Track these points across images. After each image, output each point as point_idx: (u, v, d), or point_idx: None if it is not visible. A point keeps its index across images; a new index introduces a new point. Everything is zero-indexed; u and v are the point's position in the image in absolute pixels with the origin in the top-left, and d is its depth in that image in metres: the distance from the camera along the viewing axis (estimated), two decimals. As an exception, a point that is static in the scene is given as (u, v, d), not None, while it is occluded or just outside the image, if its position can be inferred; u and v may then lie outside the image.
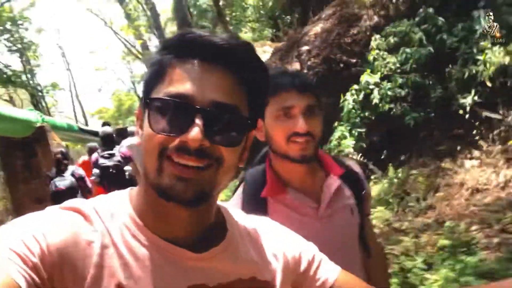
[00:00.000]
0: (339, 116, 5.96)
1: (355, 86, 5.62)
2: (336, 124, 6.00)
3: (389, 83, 5.06)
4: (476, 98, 4.22)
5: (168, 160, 0.63)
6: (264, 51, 10.93)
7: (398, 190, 4.51)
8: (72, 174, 5.10)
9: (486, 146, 4.09)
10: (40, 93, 22.61)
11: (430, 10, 4.94)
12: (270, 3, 12.66)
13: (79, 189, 5.03)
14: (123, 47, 27.30)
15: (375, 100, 5.21)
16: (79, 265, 0.59)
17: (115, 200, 0.72)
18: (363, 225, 1.35)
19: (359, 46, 6.77)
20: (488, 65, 4.00)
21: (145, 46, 24.12)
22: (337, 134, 5.71)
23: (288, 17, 12.30)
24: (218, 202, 0.81)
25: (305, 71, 7.45)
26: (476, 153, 4.14)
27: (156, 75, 0.67)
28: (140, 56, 24.77)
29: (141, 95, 0.72)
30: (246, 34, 14.24)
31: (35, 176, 5.93)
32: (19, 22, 19.05)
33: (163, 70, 0.66)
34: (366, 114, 5.52)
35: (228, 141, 0.65)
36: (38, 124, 6.08)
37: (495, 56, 3.97)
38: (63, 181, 4.45)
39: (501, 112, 4.04)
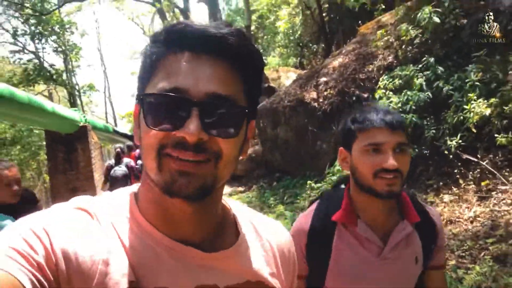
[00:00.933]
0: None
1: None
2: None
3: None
4: (461, 141, 4.80)
5: (167, 156, 0.61)
6: (288, 77, 11.69)
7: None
8: (126, 165, 6.46)
9: (463, 184, 4.64)
10: (77, 92, 24.09)
11: (431, 59, 5.57)
12: (299, 32, 13.45)
13: (131, 175, 6.33)
14: None
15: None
16: (87, 264, 0.58)
17: (121, 198, 0.71)
18: (425, 278, 1.33)
19: (371, 83, 7.44)
20: (472, 114, 4.59)
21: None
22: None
23: (314, 46, 13.03)
24: (229, 201, 0.81)
25: (321, 100, 8.16)
26: (455, 189, 4.70)
27: (149, 70, 0.65)
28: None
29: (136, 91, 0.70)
30: (273, 58, 15.05)
31: (73, 168, 6.80)
32: (67, 26, 20.53)
33: (155, 64, 0.64)
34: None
35: (226, 133, 0.63)
36: (82, 124, 7.00)
37: (479, 107, 4.56)
38: (120, 170, 5.62)
39: (479, 156, 4.60)
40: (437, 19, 5.64)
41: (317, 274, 1.27)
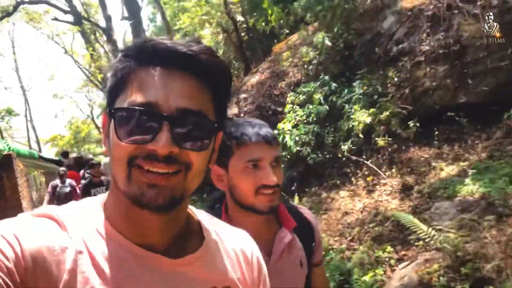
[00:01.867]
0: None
1: (275, 131, 7.07)
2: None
3: (297, 131, 6.55)
4: (351, 145, 5.77)
5: (137, 167, 0.62)
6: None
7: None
8: (69, 184, 7.34)
9: (355, 181, 5.59)
10: (-3, 119, 22.67)
11: (327, 77, 6.56)
12: (222, 50, 14.20)
13: (74, 193, 7.22)
14: (83, 75, 27.53)
15: (289, 143, 6.67)
16: (53, 271, 0.58)
17: (88, 206, 0.71)
18: (311, 275, 1.36)
19: (284, 97, 8.33)
20: (357, 122, 5.57)
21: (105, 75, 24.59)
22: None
23: (238, 63, 13.83)
24: (194, 209, 0.83)
25: (242, 115, 8.90)
26: (349, 186, 5.63)
27: (120, 83, 0.66)
28: (99, 84, 25.06)
29: (105, 102, 0.70)
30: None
31: (0, 197, 6.80)
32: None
33: (126, 78, 0.65)
34: (284, 153, 6.95)
35: (196, 146, 0.64)
36: (5, 152, 7.00)
37: (361, 116, 5.55)
38: (65, 188, 6.33)
39: (364, 157, 5.59)
40: (328, 43, 6.65)
41: None
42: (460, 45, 5.82)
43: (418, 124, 5.56)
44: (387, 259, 3.91)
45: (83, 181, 7.49)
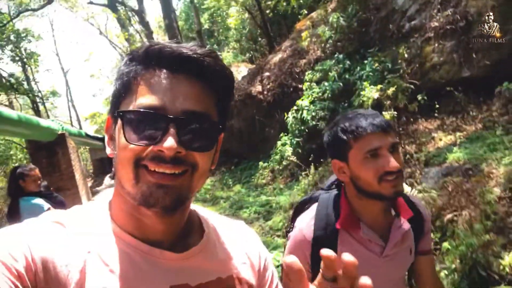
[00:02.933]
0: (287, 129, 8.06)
1: (295, 107, 7.71)
2: (282, 134, 8.09)
3: (313, 106, 7.16)
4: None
5: (144, 168, 0.64)
6: (240, 72, 12.97)
7: (313, 182, 6.60)
8: None
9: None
10: (41, 100, 24.41)
11: (341, 56, 7.06)
12: (248, 28, 14.69)
13: None
14: (117, 55, 28.59)
15: (306, 118, 7.30)
16: (63, 273, 0.61)
17: (94, 208, 0.74)
18: (415, 261, 1.39)
19: (304, 75, 8.89)
20: (366, 98, 6.11)
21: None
22: (280, 142, 7.80)
23: (264, 39, 14.31)
24: (193, 205, 0.84)
25: (265, 92, 9.56)
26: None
27: (125, 87, 0.68)
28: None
29: (110, 106, 0.72)
30: (228, 54, 16.21)
31: (56, 171, 7.92)
32: (23, 35, 20.77)
33: (132, 81, 0.67)
34: (302, 128, 7.60)
35: (201, 147, 0.67)
36: (60, 132, 8.08)
37: (370, 92, 6.08)
38: None
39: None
40: (343, 22, 7.10)
41: None
42: (467, 21, 6.15)
43: (425, 98, 6.02)
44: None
45: None
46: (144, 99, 0.64)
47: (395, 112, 5.89)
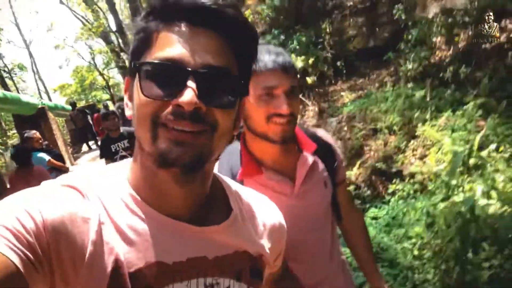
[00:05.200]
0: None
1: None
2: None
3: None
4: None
5: (162, 126, 0.61)
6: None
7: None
8: None
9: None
10: (7, 74, 24.72)
11: (276, 31, 8.50)
12: None
13: None
14: (80, 24, 27.38)
15: (251, 84, 8.82)
16: (77, 243, 0.59)
17: (113, 174, 0.71)
18: (336, 194, 1.39)
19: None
20: (294, 67, 7.66)
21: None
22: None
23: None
24: (219, 175, 0.84)
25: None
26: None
27: (144, 42, 0.65)
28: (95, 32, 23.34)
29: (128, 64, 0.69)
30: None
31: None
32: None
33: (150, 36, 0.64)
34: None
35: (222, 103, 0.64)
36: (40, 106, 9.29)
37: (296, 61, 7.61)
38: None
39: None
40: (277, 1, 8.49)
41: None
42: (371, 1, 7.69)
43: (343, 64, 7.62)
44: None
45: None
46: (162, 52, 0.62)
47: (315, 77, 7.49)
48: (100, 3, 23.35)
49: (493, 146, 3.88)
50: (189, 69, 0.60)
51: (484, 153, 3.82)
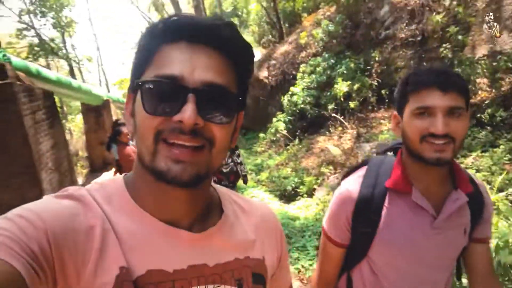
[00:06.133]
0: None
1: (289, 92, 9.72)
2: (279, 113, 10.16)
3: (303, 93, 9.18)
4: (334, 106, 8.33)
5: (163, 142, 0.63)
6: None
7: (294, 151, 8.71)
8: None
9: (333, 130, 8.21)
10: (77, 64, 26.91)
11: (327, 55, 8.99)
12: (264, 18, 16.41)
13: None
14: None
15: (298, 102, 9.33)
16: (80, 251, 0.60)
17: (111, 185, 0.73)
18: (469, 252, 1.26)
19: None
20: (338, 90, 8.09)
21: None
22: (275, 118, 9.88)
23: (274, 31, 15.95)
24: (215, 185, 0.84)
25: (270, 77, 11.55)
26: (328, 134, 8.29)
27: (145, 60, 0.66)
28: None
29: (130, 81, 0.70)
30: (246, 37, 17.92)
31: (101, 128, 10.26)
32: (65, 3, 22.94)
33: (151, 54, 0.66)
34: (294, 109, 9.63)
35: (220, 120, 0.65)
36: (105, 98, 10.36)
37: (341, 86, 8.05)
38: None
39: (339, 115, 8.15)
40: (332, 28, 8.99)
41: (361, 244, 1.23)
42: (423, 35, 7.98)
43: (387, 93, 7.96)
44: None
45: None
46: (163, 69, 0.63)
47: (358, 103, 7.88)
48: (167, 6, 25.07)
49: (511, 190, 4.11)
50: (189, 86, 0.62)
51: (501, 195, 4.05)
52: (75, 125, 21.50)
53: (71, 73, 25.55)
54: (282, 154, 9.25)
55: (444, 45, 6.89)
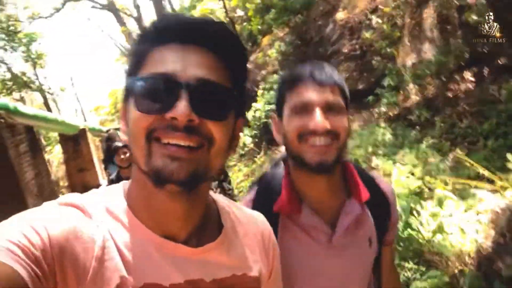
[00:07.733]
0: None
1: (253, 108, 10.59)
2: (245, 128, 11.01)
3: (264, 108, 10.07)
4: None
5: (157, 142, 0.62)
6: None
7: (260, 163, 9.54)
8: None
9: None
10: (51, 95, 27.24)
11: (281, 72, 9.94)
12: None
13: None
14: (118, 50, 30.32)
15: (260, 116, 10.19)
16: (81, 259, 0.60)
17: (111, 195, 0.72)
18: (380, 257, 1.19)
19: (263, 83, 11.76)
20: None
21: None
22: (242, 134, 10.69)
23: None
24: (213, 195, 0.83)
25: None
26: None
27: (137, 63, 0.67)
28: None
29: (123, 87, 0.69)
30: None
31: (80, 156, 10.87)
32: (34, 38, 23.39)
33: (143, 57, 0.66)
34: (258, 123, 10.48)
35: (215, 116, 0.64)
36: (81, 127, 11.00)
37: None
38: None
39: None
40: (283, 48, 9.98)
41: None
42: (361, 49, 9.03)
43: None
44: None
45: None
46: (155, 68, 0.63)
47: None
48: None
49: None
50: (182, 82, 0.61)
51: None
52: (53, 156, 21.80)
53: (46, 104, 25.82)
54: (251, 166, 10.04)
55: (375, 57, 7.91)
